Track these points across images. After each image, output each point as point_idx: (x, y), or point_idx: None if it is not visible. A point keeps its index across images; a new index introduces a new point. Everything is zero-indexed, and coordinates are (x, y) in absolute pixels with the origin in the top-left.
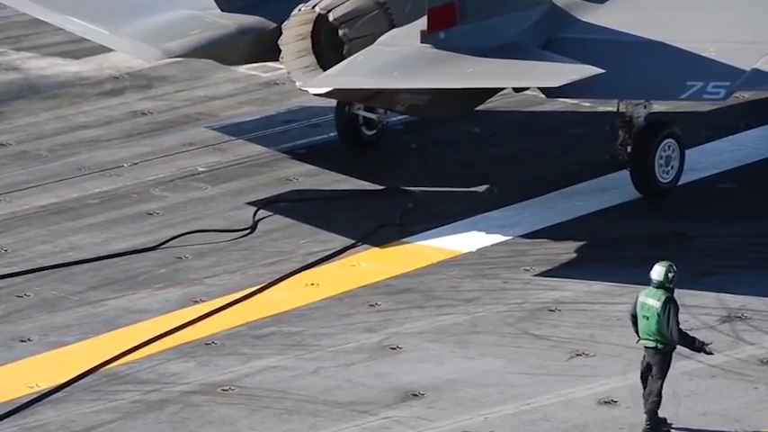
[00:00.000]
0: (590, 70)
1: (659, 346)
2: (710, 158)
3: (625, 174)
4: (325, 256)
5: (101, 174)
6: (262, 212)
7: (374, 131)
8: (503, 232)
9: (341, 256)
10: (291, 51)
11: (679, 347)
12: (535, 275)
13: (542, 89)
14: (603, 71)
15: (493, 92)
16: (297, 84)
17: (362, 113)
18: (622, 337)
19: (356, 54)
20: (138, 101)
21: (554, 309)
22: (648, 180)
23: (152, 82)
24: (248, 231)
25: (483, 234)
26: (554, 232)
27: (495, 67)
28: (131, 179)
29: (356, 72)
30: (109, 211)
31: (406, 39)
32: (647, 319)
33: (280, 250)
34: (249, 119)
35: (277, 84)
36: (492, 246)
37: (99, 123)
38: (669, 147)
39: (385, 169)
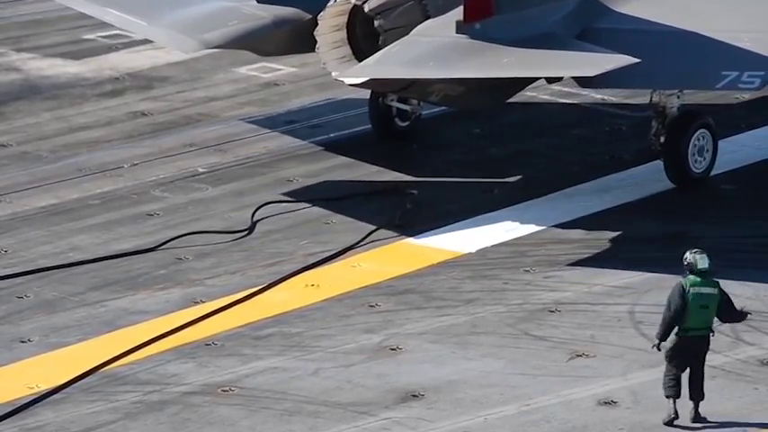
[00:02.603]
0: (625, 60)
1: (710, 333)
2: None
3: (625, 174)
4: (326, 257)
5: (101, 174)
6: (261, 213)
7: (407, 123)
8: (503, 233)
9: (341, 257)
10: (327, 42)
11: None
12: (535, 276)
13: (577, 79)
14: (638, 60)
15: (526, 82)
16: (332, 74)
17: (396, 105)
18: (622, 337)
19: (391, 45)
20: (139, 102)
21: (554, 309)
22: (681, 170)
23: (152, 83)
24: (246, 233)
25: (483, 235)
26: (554, 233)
27: (530, 57)
28: (132, 180)
29: (391, 62)
30: (109, 212)
31: (441, 29)
32: (707, 308)
33: (280, 251)
34: (249, 119)
35: (277, 84)
36: (492, 246)
37: (99, 124)
38: (702, 137)
39: (385, 169)
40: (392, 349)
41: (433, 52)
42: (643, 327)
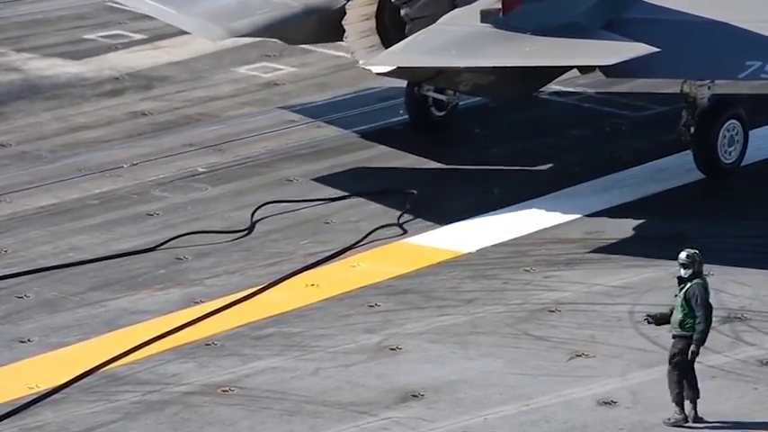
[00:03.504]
0: (644, 49)
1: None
2: None
3: (625, 174)
4: (326, 257)
5: (101, 174)
6: (261, 213)
7: (444, 113)
8: (503, 233)
9: (341, 256)
10: (355, 31)
11: None
12: (535, 276)
13: (601, 69)
14: (658, 50)
15: (555, 73)
16: (359, 63)
17: (432, 95)
18: (622, 337)
19: (417, 33)
20: (139, 101)
21: (554, 309)
22: (711, 160)
23: (152, 82)
24: (246, 232)
25: (483, 234)
26: (554, 233)
27: (550, 46)
28: (131, 180)
29: (414, 50)
30: (109, 212)
31: (467, 18)
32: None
33: (280, 251)
34: (250, 119)
35: (277, 84)
36: (492, 246)
37: (99, 124)
38: (733, 127)
39: (385, 169)
40: (392, 349)
41: (456, 41)
42: (642, 327)
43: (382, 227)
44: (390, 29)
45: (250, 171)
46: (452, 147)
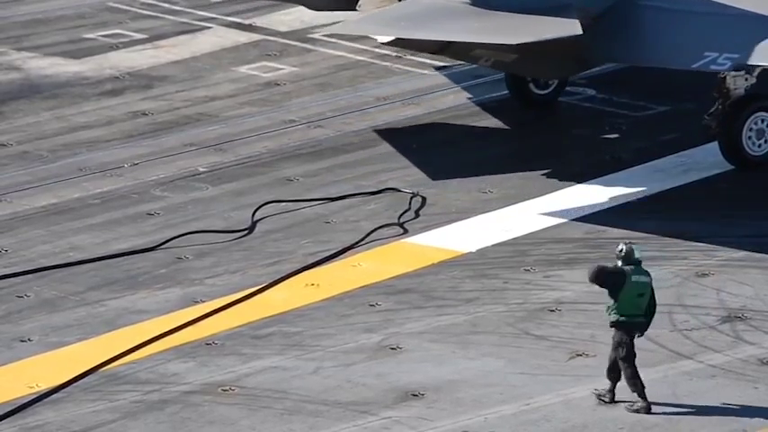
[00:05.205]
0: (567, 30)
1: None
2: (711, 158)
3: (625, 174)
4: (326, 257)
5: (101, 174)
6: (261, 212)
7: (545, 91)
8: (503, 232)
9: (341, 256)
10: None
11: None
12: (535, 275)
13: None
14: (580, 33)
15: (583, 59)
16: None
17: None
18: None
19: (397, 4)
20: (139, 101)
21: (554, 309)
22: (736, 151)
23: (152, 82)
24: (246, 232)
25: (483, 234)
26: (554, 232)
27: (500, 24)
28: (132, 179)
29: (373, 21)
30: (109, 212)
31: None
32: (642, 296)
33: (280, 251)
34: (249, 119)
35: (278, 84)
36: (492, 246)
37: (99, 123)
38: (762, 120)
39: (385, 169)
40: (392, 348)
41: (417, 14)
42: None
43: (382, 226)
44: None
45: (250, 171)
46: (452, 146)
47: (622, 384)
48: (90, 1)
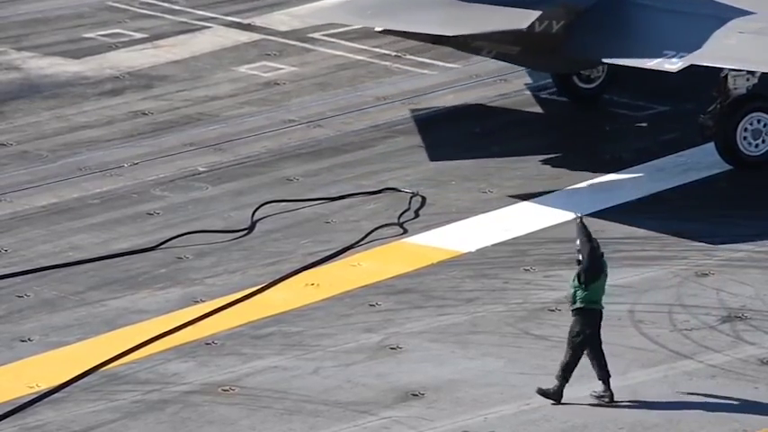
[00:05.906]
0: (512, 23)
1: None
2: (710, 158)
3: (625, 173)
4: (326, 257)
5: (101, 174)
6: (261, 212)
7: (590, 85)
8: (503, 232)
9: (341, 256)
10: None
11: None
12: (535, 275)
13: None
14: (523, 28)
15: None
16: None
17: None
18: (622, 336)
19: None
20: (139, 101)
21: (554, 309)
22: (731, 151)
23: (152, 82)
24: (246, 232)
25: (483, 234)
26: (554, 232)
27: (462, 15)
28: (132, 179)
29: (345, 10)
30: (109, 212)
31: None
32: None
33: (280, 250)
34: (249, 119)
35: (278, 84)
36: (492, 246)
37: (99, 123)
38: (758, 120)
39: (385, 169)
40: (392, 348)
41: (386, 3)
42: (643, 326)
43: (382, 226)
44: None
45: (250, 170)
46: (452, 146)
47: (622, 384)
48: (89, 0)
